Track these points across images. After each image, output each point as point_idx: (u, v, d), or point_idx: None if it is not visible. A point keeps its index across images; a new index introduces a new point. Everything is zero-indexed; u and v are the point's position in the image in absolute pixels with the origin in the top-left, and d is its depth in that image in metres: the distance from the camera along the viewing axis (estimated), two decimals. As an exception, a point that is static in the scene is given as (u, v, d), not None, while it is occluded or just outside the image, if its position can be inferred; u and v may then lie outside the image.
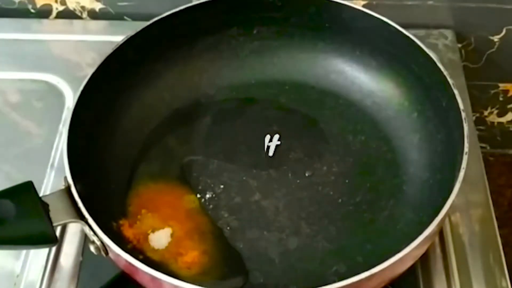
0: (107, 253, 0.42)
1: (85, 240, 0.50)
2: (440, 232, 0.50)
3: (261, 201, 0.49)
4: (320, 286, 0.36)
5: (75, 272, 0.49)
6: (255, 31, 0.56)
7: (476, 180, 0.54)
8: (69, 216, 0.41)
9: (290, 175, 0.51)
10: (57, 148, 0.56)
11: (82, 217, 0.41)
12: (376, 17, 0.51)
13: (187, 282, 0.37)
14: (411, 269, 0.47)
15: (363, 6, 0.60)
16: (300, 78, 0.57)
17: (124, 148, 0.51)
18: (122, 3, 0.67)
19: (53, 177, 0.54)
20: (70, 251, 0.50)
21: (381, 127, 0.53)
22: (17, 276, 0.48)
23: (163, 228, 0.47)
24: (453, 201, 0.40)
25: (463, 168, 0.42)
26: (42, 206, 0.40)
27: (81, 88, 0.47)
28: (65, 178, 0.42)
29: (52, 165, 0.55)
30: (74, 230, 0.51)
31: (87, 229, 0.41)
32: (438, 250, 0.50)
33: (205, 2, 0.53)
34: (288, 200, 0.49)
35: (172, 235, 0.47)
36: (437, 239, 0.50)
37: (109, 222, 0.45)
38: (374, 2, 0.64)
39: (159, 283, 0.38)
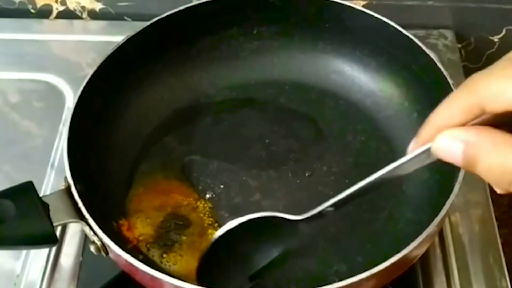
0: (107, 253, 0.42)
1: (85, 240, 0.50)
2: (440, 232, 0.50)
3: (261, 201, 0.49)
4: (320, 286, 0.36)
5: (75, 272, 0.49)
6: (255, 31, 0.56)
7: (476, 180, 0.53)
8: (69, 216, 0.41)
9: (290, 175, 0.51)
10: (57, 148, 0.56)
11: (82, 217, 0.41)
12: (376, 17, 0.51)
13: (187, 282, 0.37)
14: (411, 269, 0.47)
15: (363, 6, 0.61)
16: (300, 78, 0.57)
17: (124, 148, 0.51)
18: (122, 3, 0.67)
19: (53, 177, 0.54)
20: (70, 251, 0.50)
21: (381, 127, 0.53)
22: (17, 276, 0.48)
23: (162, 227, 0.47)
24: (453, 201, 0.41)
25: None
26: (42, 206, 0.40)
27: (81, 88, 0.47)
28: (65, 178, 0.42)
29: (52, 165, 0.55)
30: (74, 230, 0.51)
31: (87, 229, 0.41)
32: (438, 250, 0.50)
33: (205, 2, 0.53)
34: (288, 200, 0.49)
35: (172, 235, 0.47)
36: (437, 239, 0.50)
37: (109, 222, 0.45)
38: (374, 2, 0.64)
39: (159, 283, 0.38)
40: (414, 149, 0.32)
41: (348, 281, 0.37)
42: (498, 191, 0.28)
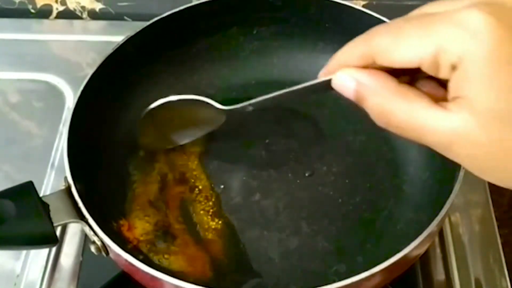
0: (107, 253, 0.42)
1: (85, 240, 0.50)
2: (440, 232, 0.50)
3: (261, 201, 0.49)
4: (321, 285, 0.36)
5: (75, 272, 0.49)
6: (255, 31, 0.56)
7: (476, 180, 0.53)
8: (69, 216, 0.41)
9: (290, 175, 0.51)
10: (57, 148, 0.56)
11: (82, 217, 0.41)
12: (376, 17, 0.51)
13: (187, 281, 0.37)
14: (411, 269, 0.47)
15: (363, 6, 0.61)
16: (300, 78, 0.56)
17: (124, 148, 0.51)
18: (122, 3, 0.67)
19: (53, 177, 0.54)
20: (70, 251, 0.50)
21: (381, 127, 0.53)
22: (17, 276, 0.49)
23: (163, 227, 0.47)
24: (453, 201, 0.40)
25: (463, 168, 0.42)
26: (43, 206, 0.40)
27: (81, 88, 0.46)
28: (65, 178, 0.42)
29: (52, 165, 0.55)
30: (74, 230, 0.51)
31: (87, 229, 0.41)
32: (438, 250, 0.50)
33: (205, 2, 0.53)
34: (288, 200, 0.49)
35: (172, 235, 0.47)
36: (437, 239, 0.50)
37: (109, 222, 0.45)
38: (374, 2, 0.64)
39: (160, 282, 0.38)
40: (321, 77, 0.36)
41: (348, 281, 0.37)
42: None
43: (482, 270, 0.48)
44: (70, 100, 0.60)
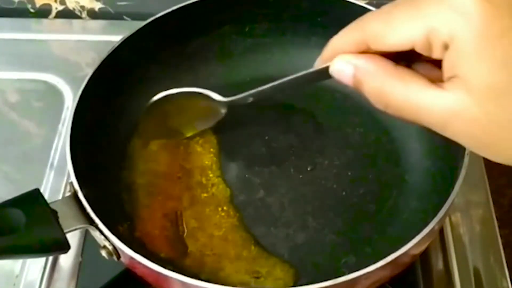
0: (119, 257, 0.41)
1: (84, 240, 0.50)
2: (441, 232, 0.50)
3: (265, 198, 0.49)
4: (332, 278, 0.36)
5: (75, 272, 0.49)
6: (247, 29, 0.56)
7: (476, 180, 0.54)
8: (78, 222, 0.40)
9: (292, 170, 0.50)
10: (56, 148, 0.56)
11: (92, 222, 0.40)
12: (368, 9, 0.51)
13: (202, 280, 0.37)
14: (411, 269, 0.47)
15: (364, 6, 0.60)
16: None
17: (124, 149, 0.51)
18: (122, 2, 0.67)
19: (52, 177, 0.54)
20: (69, 251, 0.49)
21: (379, 118, 0.53)
22: (17, 276, 0.48)
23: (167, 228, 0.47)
24: (454, 201, 0.40)
25: (467, 154, 0.41)
26: (52, 213, 0.40)
27: (80, 92, 0.46)
28: (71, 184, 0.41)
29: (52, 165, 0.55)
30: (73, 231, 0.50)
31: (97, 234, 0.40)
32: (438, 250, 0.50)
33: (197, 1, 0.53)
34: (293, 195, 0.49)
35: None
36: (437, 240, 0.50)
37: (116, 225, 0.45)
38: (375, 2, 0.64)
39: (175, 283, 0.38)
40: (317, 66, 0.37)
41: (358, 273, 0.37)
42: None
43: (483, 270, 0.48)
44: (70, 100, 0.60)
